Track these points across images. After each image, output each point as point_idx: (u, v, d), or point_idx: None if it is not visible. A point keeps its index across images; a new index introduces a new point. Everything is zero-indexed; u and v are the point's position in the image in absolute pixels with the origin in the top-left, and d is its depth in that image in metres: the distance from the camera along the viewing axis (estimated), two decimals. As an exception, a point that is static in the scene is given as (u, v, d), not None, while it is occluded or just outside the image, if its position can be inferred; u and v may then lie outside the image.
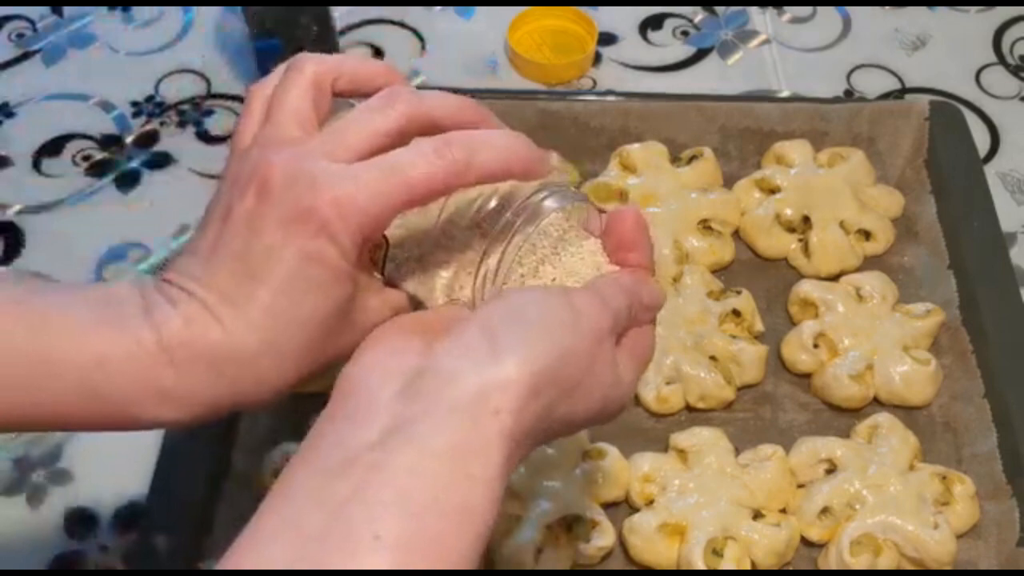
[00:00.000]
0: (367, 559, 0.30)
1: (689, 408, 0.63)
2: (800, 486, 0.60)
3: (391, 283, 0.42)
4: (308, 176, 0.36)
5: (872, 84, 0.84)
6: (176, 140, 0.80)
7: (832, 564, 0.57)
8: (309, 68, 0.40)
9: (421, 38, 0.87)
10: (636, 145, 0.72)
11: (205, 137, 0.80)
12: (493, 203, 0.41)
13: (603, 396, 0.38)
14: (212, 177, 0.77)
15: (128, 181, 0.78)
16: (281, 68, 0.41)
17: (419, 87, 0.71)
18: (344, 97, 0.42)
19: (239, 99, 0.82)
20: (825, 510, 0.58)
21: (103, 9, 0.89)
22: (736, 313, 0.65)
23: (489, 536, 0.33)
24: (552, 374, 0.35)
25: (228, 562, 0.30)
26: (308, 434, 0.34)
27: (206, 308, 0.37)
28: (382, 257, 0.42)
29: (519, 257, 0.41)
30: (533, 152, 0.40)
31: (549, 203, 0.41)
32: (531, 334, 0.35)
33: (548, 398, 0.35)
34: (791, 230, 0.69)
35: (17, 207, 0.77)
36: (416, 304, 0.42)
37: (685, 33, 0.87)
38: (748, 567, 0.56)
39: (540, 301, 0.37)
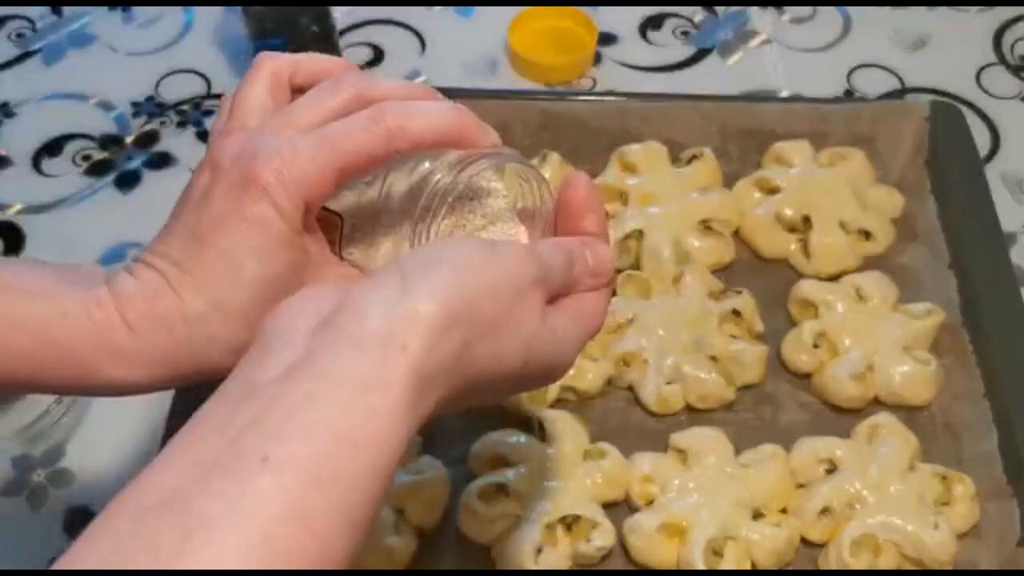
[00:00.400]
0: (253, 481, 0.29)
1: (689, 408, 0.63)
2: (800, 486, 0.59)
3: (348, 260, 0.43)
4: (253, 149, 0.39)
5: (872, 84, 0.84)
6: (176, 140, 0.80)
7: (832, 564, 0.57)
8: (267, 65, 0.43)
9: (421, 38, 0.87)
10: (636, 145, 0.71)
11: (205, 137, 0.80)
12: (429, 170, 0.41)
13: (526, 344, 0.36)
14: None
15: (128, 181, 0.78)
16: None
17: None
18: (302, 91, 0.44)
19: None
20: (825, 510, 0.58)
21: (103, 9, 0.89)
22: (736, 313, 0.65)
23: (392, 474, 0.32)
24: (465, 310, 0.34)
25: (126, 489, 0.30)
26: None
27: (160, 274, 0.40)
28: (339, 235, 0.42)
29: (462, 222, 0.42)
30: (467, 119, 0.41)
31: (479, 163, 0.41)
32: (443, 271, 0.34)
33: (463, 335, 0.34)
34: (791, 230, 0.69)
35: (17, 207, 0.77)
36: None
37: (685, 33, 0.87)
38: (748, 567, 0.56)
39: (457, 245, 0.37)
